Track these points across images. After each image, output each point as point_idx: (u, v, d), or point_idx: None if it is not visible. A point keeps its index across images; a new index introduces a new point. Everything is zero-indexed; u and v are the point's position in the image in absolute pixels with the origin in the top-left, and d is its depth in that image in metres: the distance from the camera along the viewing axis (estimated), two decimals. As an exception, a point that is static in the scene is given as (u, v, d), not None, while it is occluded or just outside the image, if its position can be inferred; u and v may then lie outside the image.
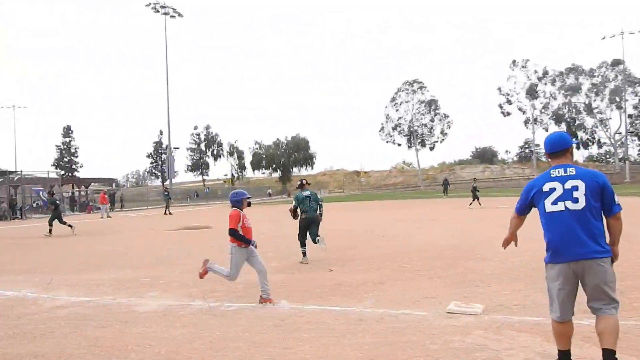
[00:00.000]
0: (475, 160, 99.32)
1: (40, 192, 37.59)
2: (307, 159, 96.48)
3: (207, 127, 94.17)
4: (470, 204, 26.86)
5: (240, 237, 6.28)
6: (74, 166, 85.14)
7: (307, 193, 10.15)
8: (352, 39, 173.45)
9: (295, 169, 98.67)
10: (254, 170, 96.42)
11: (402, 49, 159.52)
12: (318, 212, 10.22)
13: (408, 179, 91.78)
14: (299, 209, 10.16)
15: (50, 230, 18.17)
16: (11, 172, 41.23)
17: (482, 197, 29.02)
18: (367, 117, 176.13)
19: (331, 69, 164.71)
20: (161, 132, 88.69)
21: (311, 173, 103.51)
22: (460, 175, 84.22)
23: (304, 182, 10.47)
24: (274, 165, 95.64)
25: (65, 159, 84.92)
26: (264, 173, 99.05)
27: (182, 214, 34.53)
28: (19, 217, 34.56)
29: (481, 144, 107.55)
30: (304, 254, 9.99)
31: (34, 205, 37.82)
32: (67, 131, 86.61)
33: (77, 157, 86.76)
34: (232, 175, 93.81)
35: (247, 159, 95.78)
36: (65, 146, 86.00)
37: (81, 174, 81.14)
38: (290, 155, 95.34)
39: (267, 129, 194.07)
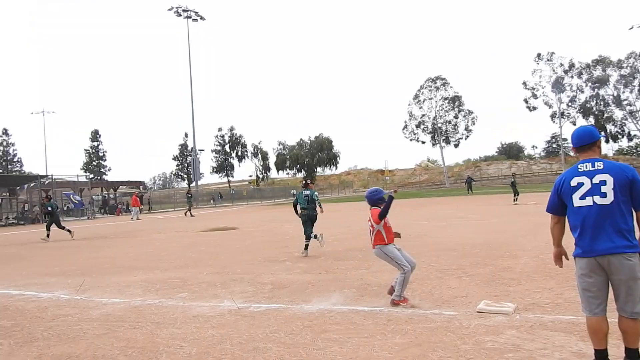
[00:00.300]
0: (502, 157, 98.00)
1: (71, 195, 38.37)
2: (331, 159, 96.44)
3: (231, 129, 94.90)
4: (515, 199, 26.82)
5: (385, 210, 5.93)
6: (102, 169, 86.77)
7: (307, 192, 11.02)
8: (374, 36, 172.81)
9: (319, 169, 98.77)
10: (278, 170, 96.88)
11: (424, 45, 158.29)
12: (316, 209, 11.08)
13: (433, 176, 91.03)
14: (298, 206, 11.11)
15: (47, 235, 18.36)
16: (42, 177, 42.15)
17: (510, 194, 28.65)
18: (390, 116, 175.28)
19: (354, 67, 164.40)
20: (186, 135, 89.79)
21: (335, 172, 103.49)
22: (487, 172, 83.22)
23: (309, 181, 11.44)
24: (298, 166, 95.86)
25: (94, 163, 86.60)
26: (288, 173, 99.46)
27: (207, 215, 34.88)
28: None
29: (507, 140, 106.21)
30: (306, 247, 10.80)
31: (65, 208, 38.61)
32: (95, 135, 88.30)
33: (105, 160, 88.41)
34: (257, 176, 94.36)
35: (272, 160, 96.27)
36: (93, 150, 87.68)
37: (109, 177, 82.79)
38: (314, 156, 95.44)
39: (291, 129, 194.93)
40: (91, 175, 72.27)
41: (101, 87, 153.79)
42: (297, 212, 11.23)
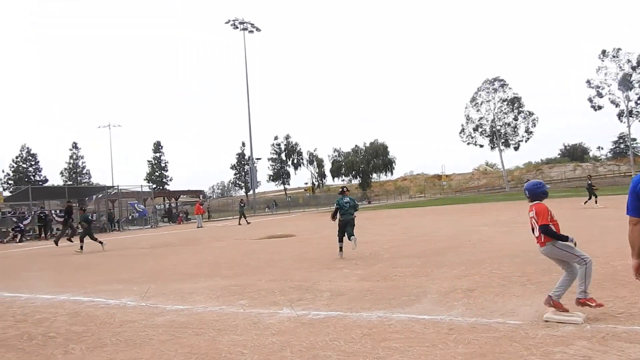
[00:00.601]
0: (565, 159, 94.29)
1: (135, 205, 39.93)
2: (387, 165, 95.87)
3: (287, 137, 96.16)
4: (596, 202, 26.06)
5: (555, 234, 5.36)
6: (164, 180, 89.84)
7: (346, 199, 12.05)
8: (429, 39, 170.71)
9: (374, 175, 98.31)
10: (333, 177, 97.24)
11: (481, 46, 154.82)
12: (353, 214, 12.07)
13: (492, 180, 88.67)
14: (338, 212, 12.06)
15: (81, 247, 18.58)
16: (109, 187, 44.14)
17: (575, 198, 27.51)
18: (447, 119, 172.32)
19: (408, 71, 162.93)
20: (243, 144, 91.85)
21: (391, 178, 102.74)
22: (549, 175, 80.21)
23: (345, 189, 12.55)
24: (353, 172, 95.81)
25: (157, 173, 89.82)
26: (343, 180, 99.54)
27: (263, 223, 35.40)
28: (117, 229, 37.02)
29: (570, 141, 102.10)
30: (341, 249, 11.88)
31: (130, 217, 40.20)
32: (157, 147, 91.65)
33: (166, 171, 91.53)
34: (313, 183, 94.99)
35: (327, 167, 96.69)
36: (155, 161, 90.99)
37: (171, 186, 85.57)
38: (369, 162, 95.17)
39: (346, 135, 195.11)
40: (154, 185, 74.94)
41: (162, 100, 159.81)
42: (334, 219, 12.23)
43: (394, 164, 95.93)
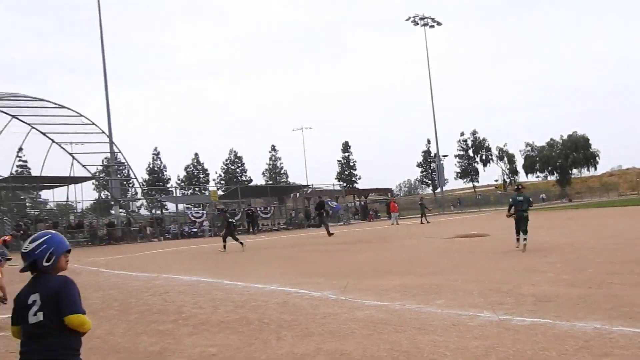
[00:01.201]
0: None
1: (329, 202, 42.23)
2: (588, 159, 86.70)
3: (474, 133, 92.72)
4: None
5: None
6: (353, 178, 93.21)
7: (520, 198, 12.90)
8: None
9: (575, 171, 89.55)
10: (527, 174, 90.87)
11: None
12: (526, 212, 12.66)
13: None
14: (512, 208, 12.87)
15: (224, 247, 19.02)
16: (304, 186, 47.41)
17: None
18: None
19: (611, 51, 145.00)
20: (428, 141, 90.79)
21: (595, 174, 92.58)
22: None
23: (521, 187, 14.21)
24: (549, 168, 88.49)
25: (346, 172, 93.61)
26: (538, 177, 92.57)
27: (451, 221, 34.56)
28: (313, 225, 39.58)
29: None
30: (517, 239, 12.82)
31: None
32: (346, 147, 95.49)
33: (355, 170, 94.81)
34: (504, 180, 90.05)
35: (519, 163, 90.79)
36: (344, 160, 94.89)
37: (359, 185, 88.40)
38: (567, 156, 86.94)
39: (539, 129, 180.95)
40: (344, 184, 78.30)
41: (349, 101, 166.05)
42: (509, 215, 12.99)
43: (597, 158, 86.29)
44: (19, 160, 45.17)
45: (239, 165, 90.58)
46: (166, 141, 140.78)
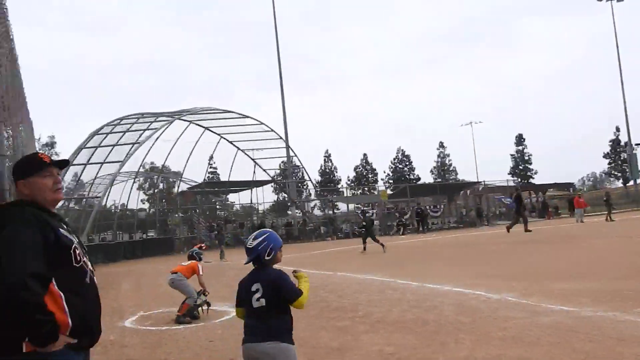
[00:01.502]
0: None
1: (502, 199, 40.11)
2: None
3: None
4: None
5: None
6: (528, 173, 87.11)
7: None
8: None
9: None
10: None
11: None
12: None
13: None
14: None
15: (364, 247, 19.08)
16: (474, 183, 45.57)
17: None
18: None
19: None
20: (617, 129, 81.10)
21: None
22: None
23: None
24: None
25: (520, 167, 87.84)
26: None
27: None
28: (486, 223, 37.89)
29: None
30: None
31: (497, 212, 40.61)
32: (520, 139, 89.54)
33: (530, 164, 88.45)
34: None
35: None
36: (518, 154, 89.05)
37: (536, 180, 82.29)
38: None
39: None
40: (518, 180, 73.57)
41: (522, 91, 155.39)
42: None
43: None
44: (210, 167, 50.34)
45: (407, 164, 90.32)
46: (336, 143, 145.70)
